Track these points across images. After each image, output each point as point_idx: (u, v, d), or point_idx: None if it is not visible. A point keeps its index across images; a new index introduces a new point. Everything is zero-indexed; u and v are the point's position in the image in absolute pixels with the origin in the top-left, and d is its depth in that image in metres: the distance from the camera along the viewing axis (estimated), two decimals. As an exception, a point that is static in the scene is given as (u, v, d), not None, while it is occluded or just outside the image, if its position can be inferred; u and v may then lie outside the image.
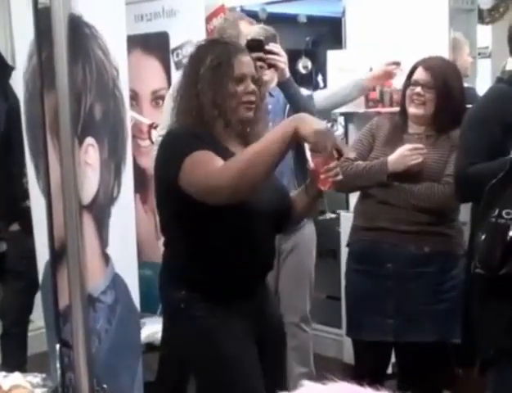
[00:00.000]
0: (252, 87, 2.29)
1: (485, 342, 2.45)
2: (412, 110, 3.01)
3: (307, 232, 3.71)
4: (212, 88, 2.20)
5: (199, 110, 2.17)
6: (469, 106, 2.97)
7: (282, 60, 3.44)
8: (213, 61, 2.24)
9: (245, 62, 2.32)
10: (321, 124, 2.02)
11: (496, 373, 2.43)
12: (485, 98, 2.78)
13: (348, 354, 4.10)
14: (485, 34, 5.53)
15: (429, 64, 3.01)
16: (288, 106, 3.61)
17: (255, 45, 3.30)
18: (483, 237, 2.45)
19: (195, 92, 2.18)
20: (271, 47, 3.42)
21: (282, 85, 3.52)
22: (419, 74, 3.00)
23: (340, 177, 2.30)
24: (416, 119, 3.02)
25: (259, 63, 3.21)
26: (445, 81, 2.96)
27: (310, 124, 1.97)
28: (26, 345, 3.73)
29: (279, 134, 2.00)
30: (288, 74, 3.49)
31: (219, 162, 2.02)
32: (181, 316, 2.10)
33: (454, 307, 2.88)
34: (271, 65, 3.43)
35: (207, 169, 2.02)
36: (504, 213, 2.40)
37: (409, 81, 3.03)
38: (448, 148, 2.96)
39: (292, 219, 2.52)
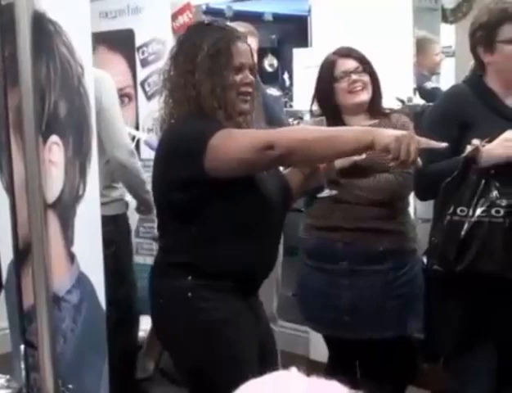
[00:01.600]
0: (250, 77, 2.18)
1: (444, 338, 2.48)
2: (355, 98, 2.96)
3: None
4: (211, 77, 2.08)
5: (198, 101, 2.07)
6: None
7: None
8: (211, 49, 2.10)
9: (244, 50, 2.19)
10: (399, 132, 1.99)
11: (458, 364, 2.47)
12: (444, 97, 2.81)
13: (315, 352, 4.13)
14: (449, 33, 5.59)
15: (345, 53, 3.01)
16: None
17: None
18: (439, 234, 2.49)
19: (192, 82, 2.07)
20: None
21: None
22: (344, 65, 2.97)
23: None
24: (358, 108, 3.00)
25: None
26: (368, 64, 2.98)
27: (389, 132, 1.96)
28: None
29: (354, 137, 1.97)
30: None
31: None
32: (186, 305, 2.04)
33: (408, 302, 2.90)
34: None
35: (249, 134, 2.02)
36: (458, 210, 2.44)
37: (331, 76, 2.99)
38: None
39: (290, 206, 2.47)
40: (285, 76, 6.46)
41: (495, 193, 2.43)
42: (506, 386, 2.48)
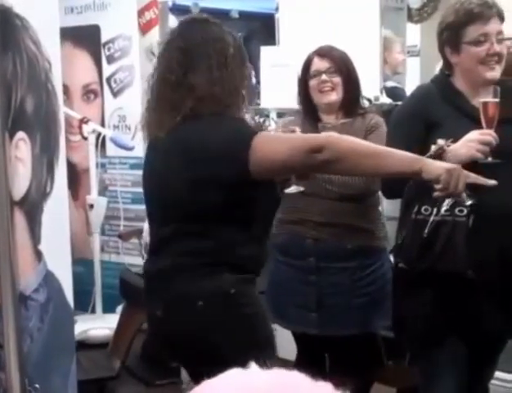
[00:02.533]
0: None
1: (412, 335, 2.51)
2: (324, 99, 3.01)
3: None
4: (238, 71, 2.06)
5: (221, 96, 2.02)
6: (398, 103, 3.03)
7: None
8: (235, 43, 2.09)
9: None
10: (449, 165, 2.02)
11: (423, 362, 2.49)
12: (411, 96, 2.83)
13: (283, 350, 4.13)
14: (414, 33, 5.63)
15: (322, 52, 3.05)
16: None
17: None
18: (404, 232, 2.51)
19: (221, 75, 2.02)
20: None
21: None
22: (317, 64, 3.02)
23: None
24: (329, 107, 3.04)
25: None
26: (344, 65, 3.01)
27: (439, 165, 1.99)
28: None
29: (402, 161, 2.01)
30: None
31: None
32: (229, 301, 2.04)
33: (375, 300, 2.93)
34: None
35: (292, 137, 2.17)
36: (423, 209, 2.47)
37: (307, 74, 3.05)
38: (363, 132, 2.99)
39: None
40: (252, 74, 6.46)
41: None
42: (475, 383, 2.51)
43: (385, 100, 3.99)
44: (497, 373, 2.80)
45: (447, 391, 2.45)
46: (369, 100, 3.66)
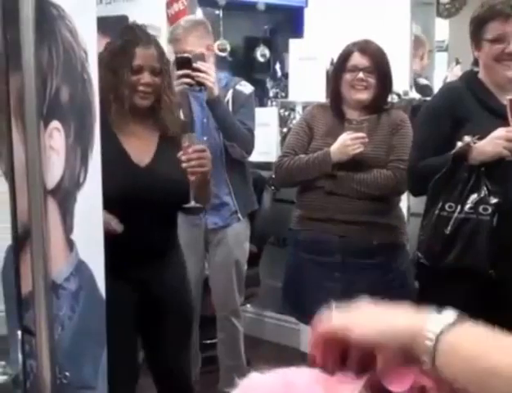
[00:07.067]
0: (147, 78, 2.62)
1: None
2: (355, 95, 3.01)
3: (239, 227, 3.73)
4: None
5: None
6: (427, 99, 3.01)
7: (210, 79, 3.37)
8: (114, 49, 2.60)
9: (144, 54, 2.62)
10: None
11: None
12: (438, 93, 2.82)
13: (305, 343, 4.13)
14: (442, 28, 5.61)
15: (365, 48, 3.03)
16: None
17: (183, 62, 3.28)
18: (426, 228, 2.50)
19: None
20: (199, 65, 3.35)
21: (210, 104, 3.45)
22: (357, 59, 3.00)
23: (206, 169, 2.45)
24: (357, 103, 3.02)
25: (187, 79, 3.22)
26: (383, 65, 3.00)
27: None
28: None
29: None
30: (216, 92, 3.41)
31: None
32: None
33: (398, 296, 2.92)
34: (200, 83, 3.38)
35: None
36: (447, 206, 2.46)
37: (343, 66, 3.02)
38: (389, 130, 2.98)
39: None
40: (277, 67, 6.45)
41: (484, 191, 2.44)
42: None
43: (414, 95, 3.97)
44: None
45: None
46: (398, 95, 3.65)
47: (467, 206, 2.46)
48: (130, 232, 2.53)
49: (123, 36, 2.65)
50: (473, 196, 2.45)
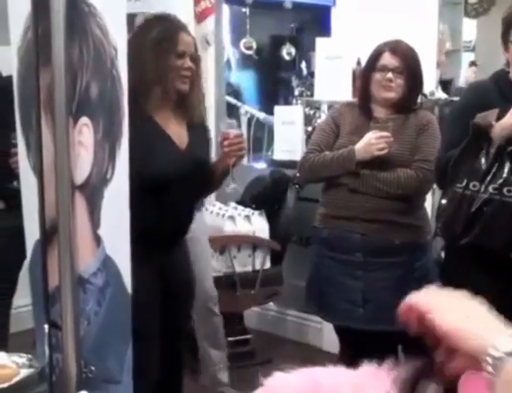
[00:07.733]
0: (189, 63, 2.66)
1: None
2: (383, 94, 3.01)
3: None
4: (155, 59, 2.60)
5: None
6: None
7: None
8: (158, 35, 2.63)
9: (187, 40, 2.68)
10: None
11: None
12: (466, 91, 2.81)
13: (328, 342, 4.12)
14: (469, 28, 5.57)
15: (395, 48, 3.02)
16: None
17: None
18: (448, 205, 2.47)
19: None
20: None
21: None
22: (387, 59, 3.00)
23: (243, 152, 2.54)
24: (384, 102, 3.02)
25: None
26: (412, 65, 2.99)
27: None
28: (8, 325, 3.70)
29: None
30: None
31: None
32: None
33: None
34: None
35: None
36: (471, 185, 2.44)
37: (373, 65, 3.02)
38: (416, 130, 2.97)
39: None
40: (303, 65, 6.44)
41: (509, 172, 2.42)
42: None
43: (441, 95, 3.95)
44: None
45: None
46: (424, 95, 3.63)
47: (491, 186, 2.44)
48: (165, 214, 2.61)
49: (158, 24, 2.72)
50: (498, 178, 2.43)
